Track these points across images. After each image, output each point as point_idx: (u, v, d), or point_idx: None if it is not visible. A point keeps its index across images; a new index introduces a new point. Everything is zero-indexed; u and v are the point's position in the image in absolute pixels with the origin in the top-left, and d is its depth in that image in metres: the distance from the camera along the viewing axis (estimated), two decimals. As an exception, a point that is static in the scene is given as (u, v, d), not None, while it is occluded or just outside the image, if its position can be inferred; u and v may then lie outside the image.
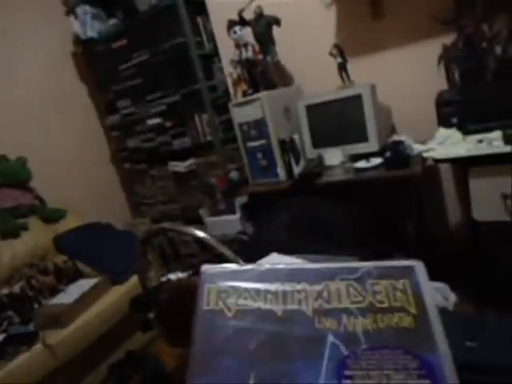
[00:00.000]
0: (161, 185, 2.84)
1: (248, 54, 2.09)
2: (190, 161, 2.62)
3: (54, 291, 2.01)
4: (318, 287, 0.38)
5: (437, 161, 1.58)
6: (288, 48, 2.21)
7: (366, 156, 1.84)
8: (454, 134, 1.63)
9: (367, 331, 0.35)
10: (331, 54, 1.95)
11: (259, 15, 2.08)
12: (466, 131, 1.63)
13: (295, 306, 0.37)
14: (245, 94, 2.10)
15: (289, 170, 1.97)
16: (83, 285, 1.99)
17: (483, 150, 1.43)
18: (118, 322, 1.96)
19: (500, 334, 1.25)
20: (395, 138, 1.86)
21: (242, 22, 2.10)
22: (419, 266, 0.39)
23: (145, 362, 2.03)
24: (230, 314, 0.38)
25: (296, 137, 2.01)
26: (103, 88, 2.86)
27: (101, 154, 3.10)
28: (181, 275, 1.31)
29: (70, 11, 2.70)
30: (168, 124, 2.63)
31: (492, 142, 1.45)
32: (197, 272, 1.36)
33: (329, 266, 0.40)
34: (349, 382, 0.33)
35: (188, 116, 2.53)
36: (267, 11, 2.09)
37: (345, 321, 0.36)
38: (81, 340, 1.80)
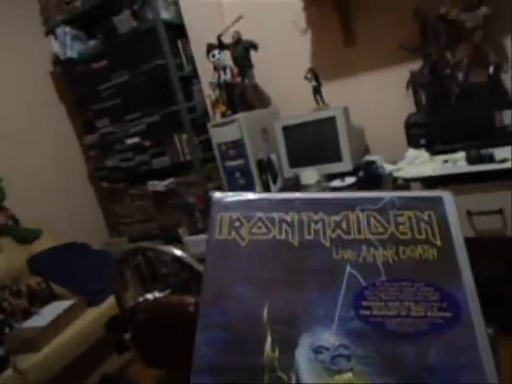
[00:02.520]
0: (139, 204, 2.83)
1: (226, 76, 2.16)
2: (170, 180, 2.63)
3: (27, 314, 1.95)
4: (336, 217, 0.36)
5: (406, 180, 1.65)
6: (265, 71, 2.29)
7: (341, 175, 1.91)
8: (422, 154, 1.72)
9: (387, 263, 0.34)
10: (306, 78, 2.04)
11: (237, 40, 2.16)
12: (433, 152, 1.72)
13: (312, 237, 0.36)
14: (223, 115, 2.15)
15: (266, 189, 2.02)
16: (57, 307, 1.94)
17: (448, 169, 1.51)
18: (93, 344, 1.92)
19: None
20: (368, 158, 1.94)
21: (221, 46, 2.17)
22: (448, 197, 0.37)
23: (121, 385, 1.98)
24: (243, 244, 0.36)
25: (273, 157, 2.07)
26: (82, 107, 2.86)
27: (78, 172, 3.08)
28: (158, 295, 1.31)
29: (50, 31, 2.72)
30: (147, 143, 2.64)
31: (456, 162, 1.54)
32: (175, 291, 1.36)
33: (348, 195, 0.38)
34: (366, 312, 0.32)
35: (167, 136, 2.55)
36: (245, 36, 2.17)
37: (364, 252, 0.34)
38: (54, 364, 1.74)
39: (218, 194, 0.39)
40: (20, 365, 1.66)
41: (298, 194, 0.39)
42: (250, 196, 0.39)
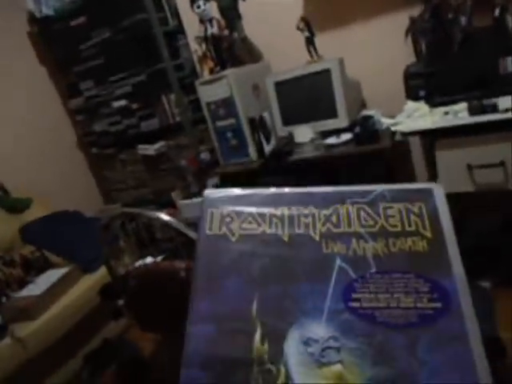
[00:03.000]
0: (131, 169, 2.76)
1: (213, 29, 2.02)
2: (160, 143, 2.54)
3: (23, 283, 1.94)
4: (326, 211, 0.37)
5: (404, 134, 1.58)
6: (255, 23, 2.14)
7: (337, 132, 1.83)
8: (421, 106, 1.63)
9: (377, 255, 0.34)
10: (298, 28, 1.90)
11: (223, -12, 2.00)
12: (433, 104, 1.63)
13: (302, 231, 0.36)
14: (212, 71, 2.03)
15: (260, 149, 1.94)
16: (52, 275, 1.93)
17: (448, 121, 1.43)
18: (92, 310, 1.92)
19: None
20: (365, 112, 1.85)
21: (206, -4, 2.01)
22: (438, 189, 0.37)
23: (121, 348, 2.01)
24: (233, 239, 0.36)
25: (266, 115, 1.98)
26: (64, 69, 2.71)
27: (67, 139, 2.97)
28: (149, 261, 1.28)
29: (22, -13, 2.52)
30: (134, 106, 2.53)
31: (458, 114, 1.46)
32: (168, 257, 1.31)
33: (338, 189, 0.38)
34: (356, 304, 0.32)
35: (155, 97, 2.44)
36: (232, -16, 2.00)
37: (354, 245, 0.35)
38: (52, 331, 1.75)
39: (208, 191, 0.40)
40: (18, 333, 1.66)
41: (287, 189, 0.39)
42: (241, 191, 0.39)
